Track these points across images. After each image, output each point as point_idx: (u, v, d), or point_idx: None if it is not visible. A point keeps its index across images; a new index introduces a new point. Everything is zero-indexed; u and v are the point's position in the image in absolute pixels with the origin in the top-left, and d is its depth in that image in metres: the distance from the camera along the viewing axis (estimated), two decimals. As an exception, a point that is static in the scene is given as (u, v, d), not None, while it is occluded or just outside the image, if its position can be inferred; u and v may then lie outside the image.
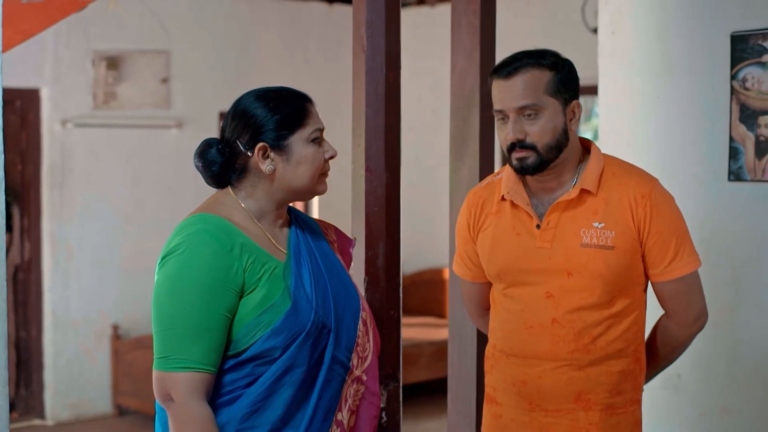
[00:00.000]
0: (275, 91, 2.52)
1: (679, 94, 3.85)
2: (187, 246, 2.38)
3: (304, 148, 2.48)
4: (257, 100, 2.50)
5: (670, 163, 3.84)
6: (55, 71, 7.14)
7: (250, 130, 2.48)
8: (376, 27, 3.12)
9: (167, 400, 2.38)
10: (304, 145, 2.48)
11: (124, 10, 6.78)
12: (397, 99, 3.15)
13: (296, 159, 2.47)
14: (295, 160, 2.48)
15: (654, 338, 2.84)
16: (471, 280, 2.96)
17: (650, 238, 2.67)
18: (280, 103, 2.48)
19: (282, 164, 2.48)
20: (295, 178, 2.48)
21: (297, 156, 2.47)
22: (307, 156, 2.48)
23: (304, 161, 2.48)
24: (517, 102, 2.65)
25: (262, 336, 2.39)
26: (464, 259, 2.95)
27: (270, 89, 2.53)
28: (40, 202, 7.17)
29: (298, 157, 2.48)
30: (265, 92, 2.52)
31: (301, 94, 2.53)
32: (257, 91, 2.54)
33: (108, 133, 7.36)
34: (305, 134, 2.48)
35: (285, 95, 2.51)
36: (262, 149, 2.47)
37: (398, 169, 3.15)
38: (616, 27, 4.00)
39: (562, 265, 2.69)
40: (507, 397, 2.80)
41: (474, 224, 2.87)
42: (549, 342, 2.72)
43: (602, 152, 2.78)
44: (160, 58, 7.52)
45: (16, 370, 7.20)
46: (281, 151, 2.47)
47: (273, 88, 2.55)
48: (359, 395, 2.58)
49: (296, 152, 2.47)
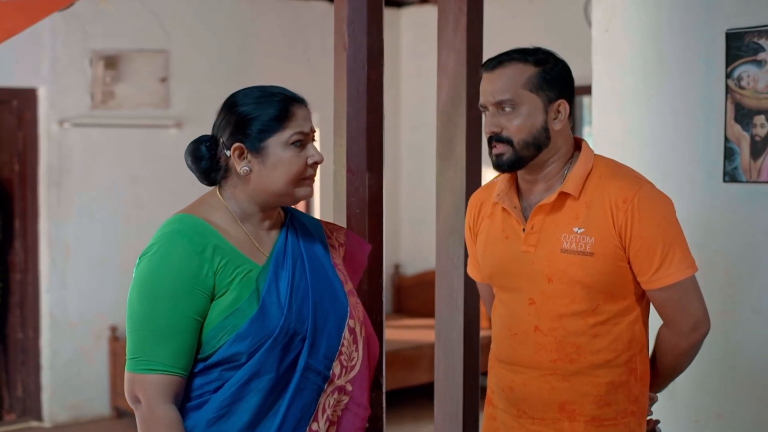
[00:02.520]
0: (263, 90, 2.45)
1: (673, 92, 3.78)
2: (158, 247, 2.36)
3: (282, 151, 2.41)
4: (243, 98, 2.44)
5: (663, 163, 3.77)
6: (53, 70, 7.09)
7: (230, 128, 2.43)
8: (358, 24, 3.06)
9: (135, 402, 2.35)
10: (282, 149, 2.41)
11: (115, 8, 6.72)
12: (379, 97, 3.10)
13: (272, 162, 2.41)
14: (271, 163, 2.41)
15: (656, 347, 2.74)
16: (480, 281, 2.94)
17: (633, 244, 2.57)
18: (263, 104, 2.42)
19: (258, 166, 2.42)
20: (271, 181, 2.42)
21: (273, 159, 2.41)
22: (283, 160, 2.41)
23: (281, 165, 2.41)
24: (495, 96, 2.60)
25: (227, 340, 2.35)
26: (472, 260, 2.92)
27: (260, 88, 2.47)
28: (37, 202, 7.12)
29: (275, 160, 2.41)
30: (254, 90, 2.46)
31: (290, 95, 2.46)
32: (249, 88, 2.48)
33: (106, 132, 7.30)
34: (284, 137, 2.41)
35: (270, 95, 2.44)
36: (239, 149, 2.42)
37: (380, 170, 3.09)
38: (609, 24, 3.92)
39: (543, 270, 2.63)
40: (500, 401, 2.76)
41: (473, 226, 2.84)
42: (532, 350, 2.66)
43: (594, 153, 2.70)
44: (159, 57, 7.47)
45: (13, 372, 7.16)
46: (257, 154, 2.42)
47: (264, 87, 2.48)
48: (341, 405, 2.50)
49: (272, 155, 2.41)
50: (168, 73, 7.50)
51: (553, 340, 2.62)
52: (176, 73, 7.55)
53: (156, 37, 7.46)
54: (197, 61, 7.67)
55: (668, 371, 2.75)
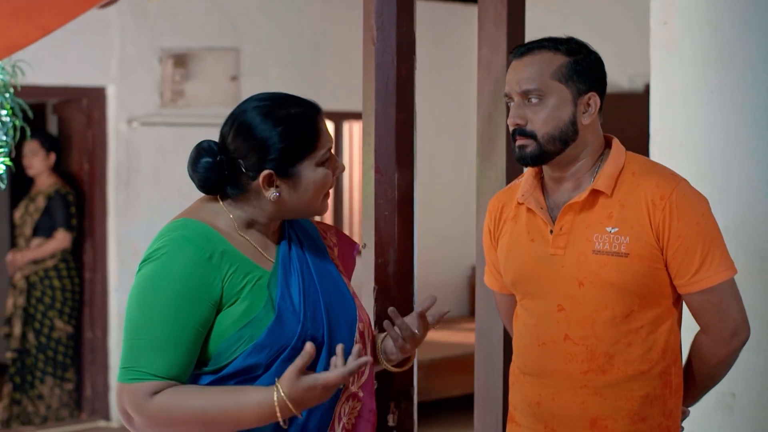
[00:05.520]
0: (284, 108, 2.29)
1: (735, 87, 3.57)
2: (163, 253, 2.24)
3: (314, 172, 2.31)
4: (265, 120, 2.27)
5: (723, 163, 3.55)
6: (122, 69, 7.08)
7: (256, 154, 2.28)
8: (387, 17, 2.93)
9: (127, 419, 2.23)
10: (314, 170, 2.31)
11: (184, 6, 6.69)
12: (410, 94, 2.95)
13: (305, 186, 2.31)
14: (304, 188, 2.31)
15: (691, 356, 2.57)
16: (499, 291, 2.76)
17: (671, 244, 2.42)
18: (291, 126, 2.27)
19: (288, 191, 2.31)
20: (301, 203, 2.33)
21: (306, 182, 2.31)
22: (317, 181, 2.31)
23: (314, 187, 2.31)
24: (521, 85, 2.45)
25: (243, 352, 2.23)
26: (491, 268, 2.75)
27: (276, 103, 2.30)
28: (106, 201, 7.12)
29: (307, 184, 2.31)
30: (273, 109, 2.29)
31: (311, 108, 2.32)
32: (263, 104, 2.30)
33: (175, 131, 7.27)
34: (316, 158, 2.31)
35: (295, 116, 2.28)
36: (267, 177, 2.28)
37: (411, 170, 2.94)
38: (668, 16, 3.72)
39: (573, 273, 2.46)
40: (524, 418, 2.59)
41: (494, 231, 2.68)
42: (561, 361, 2.49)
43: (625, 150, 2.55)
44: (230, 55, 7.42)
45: (83, 371, 7.17)
46: (288, 179, 2.29)
47: (279, 101, 2.31)
48: (355, 413, 2.39)
49: (305, 178, 2.30)
50: (238, 72, 7.45)
51: (584, 350, 2.46)
52: (247, 71, 7.49)
53: (226, 34, 7.42)
54: (268, 59, 7.61)
55: (705, 382, 2.59)
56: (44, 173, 6.92)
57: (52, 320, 6.85)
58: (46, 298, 6.83)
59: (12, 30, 3.47)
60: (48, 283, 6.83)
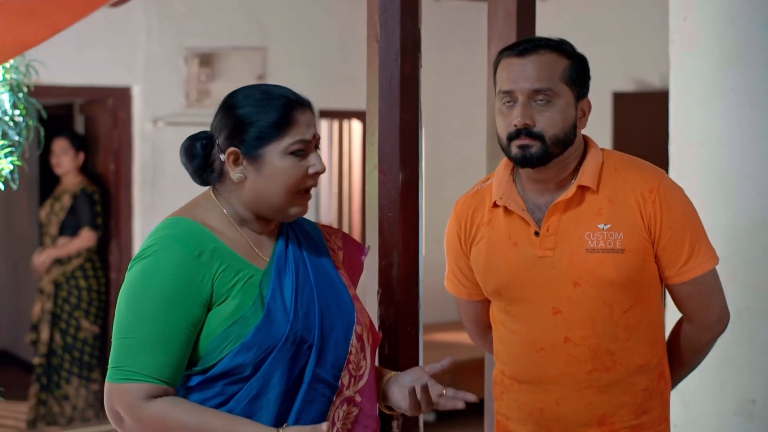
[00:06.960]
0: (265, 92, 2.29)
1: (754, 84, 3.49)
2: (152, 251, 2.23)
3: (280, 160, 2.26)
4: (244, 99, 2.29)
5: (740, 161, 3.48)
6: (147, 69, 7.07)
7: (226, 130, 2.28)
8: (391, 13, 2.88)
9: (117, 420, 2.21)
10: (280, 158, 2.25)
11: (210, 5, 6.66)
12: (414, 93, 2.89)
13: (268, 171, 2.26)
14: (267, 173, 2.26)
15: (675, 345, 2.59)
16: (467, 298, 2.70)
17: (663, 236, 2.42)
18: (263, 107, 2.26)
19: (253, 174, 2.27)
20: (267, 192, 2.27)
21: (269, 168, 2.26)
22: (280, 169, 2.26)
23: (277, 174, 2.26)
24: (532, 84, 2.39)
25: (230, 351, 2.20)
26: (457, 275, 2.68)
27: (263, 89, 2.31)
28: (132, 201, 7.12)
29: (271, 170, 2.26)
30: (255, 91, 2.30)
31: (294, 99, 2.29)
32: (251, 88, 2.33)
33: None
34: (282, 145, 2.25)
35: (272, 98, 2.28)
36: (233, 155, 2.26)
37: (416, 171, 2.87)
38: (687, 12, 3.63)
39: (567, 274, 2.43)
40: (523, 427, 2.55)
41: (465, 237, 2.61)
42: (563, 364, 2.46)
43: (599, 147, 2.53)
44: (256, 54, 7.39)
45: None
46: (253, 161, 2.26)
47: (268, 87, 2.32)
48: (351, 418, 2.35)
49: (269, 164, 2.26)
50: (265, 71, 7.41)
51: (586, 350, 2.45)
52: (273, 70, 7.45)
53: (252, 33, 7.39)
54: (295, 58, 7.56)
55: (686, 368, 2.64)
56: (71, 172, 6.92)
57: (78, 321, 6.85)
58: (72, 299, 6.83)
59: (20, 29, 3.44)
60: (74, 284, 6.83)
